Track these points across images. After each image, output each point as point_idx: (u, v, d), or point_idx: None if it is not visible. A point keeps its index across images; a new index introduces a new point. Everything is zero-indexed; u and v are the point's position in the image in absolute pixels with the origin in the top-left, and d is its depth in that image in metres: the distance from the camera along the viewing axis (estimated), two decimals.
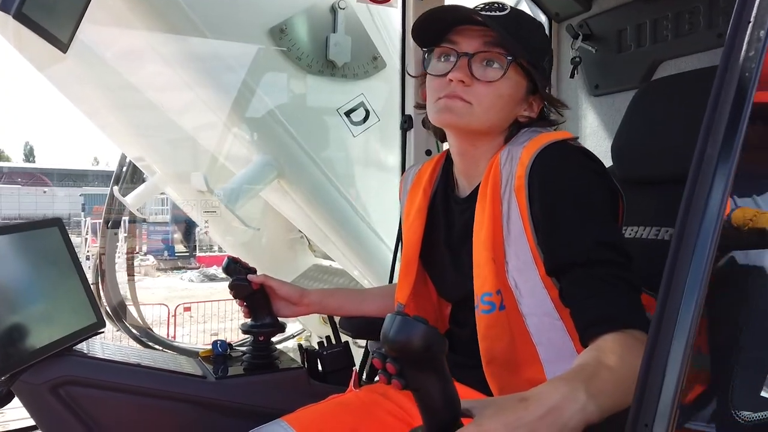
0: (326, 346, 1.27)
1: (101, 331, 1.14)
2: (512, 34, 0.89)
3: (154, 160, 3.08)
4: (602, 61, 1.69)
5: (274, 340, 1.25)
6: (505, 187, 0.90)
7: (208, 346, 1.28)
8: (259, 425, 0.98)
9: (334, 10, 2.32)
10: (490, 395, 0.91)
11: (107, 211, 3.44)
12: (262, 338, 1.20)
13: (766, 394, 0.52)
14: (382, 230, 2.38)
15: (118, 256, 3.73)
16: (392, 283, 1.63)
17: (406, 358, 0.55)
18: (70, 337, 1.06)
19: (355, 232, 2.37)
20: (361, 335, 1.28)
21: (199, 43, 2.21)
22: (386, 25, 2.42)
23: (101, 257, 3.33)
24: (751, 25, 0.44)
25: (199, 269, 12.29)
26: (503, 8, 0.92)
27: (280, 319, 1.22)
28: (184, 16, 2.13)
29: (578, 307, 0.80)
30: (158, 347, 3.13)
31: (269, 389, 1.15)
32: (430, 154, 1.73)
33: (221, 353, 1.23)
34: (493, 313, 0.89)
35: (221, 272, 1.24)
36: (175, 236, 14.21)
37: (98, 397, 1.03)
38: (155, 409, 1.05)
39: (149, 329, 3.34)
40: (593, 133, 1.72)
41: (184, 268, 13.10)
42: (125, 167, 3.45)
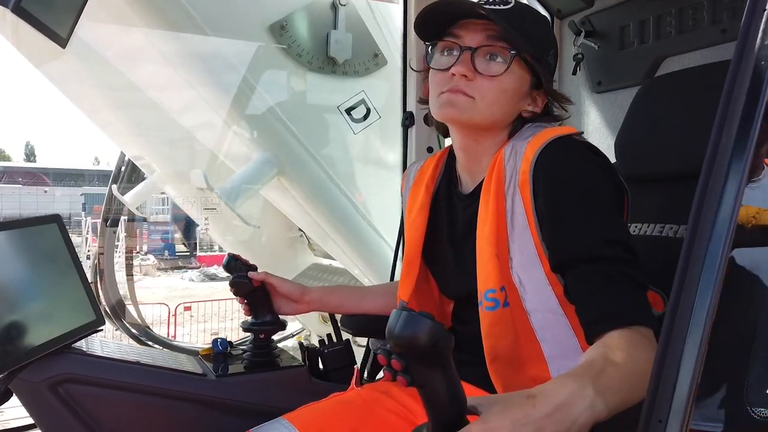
0: (327, 344, 1.26)
1: (100, 328, 1.13)
2: (516, 27, 0.88)
3: (153, 158, 3.07)
4: (605, 57, 1.68)
5: (273, 339, 1.24)
6: (509, 182, 0.89)
7: (208, 345, 1.26)
8: (259, 423, 0.97)
9: (334, 6, 2.31)
10: (493, 393, 0.90)
11: (106, 209, 3.43)
12: (262, 336, 1.19)
13: None
14: (382, 228, 2.37)
15: (117, 255, 3.72)
16: (393, 280, 1.62)
17: (411, 354, 0.54)
18: (69, 334, 1.05)
19: (355, 229, 2.36)
20: (362, 333, 1.27)
21: (198, 40, 2.20)
22: (387, 21, 2.41)
23: (100, 256, 3.32)
24: (766, 13, 0.43)
25: (199, 269, 12.27)
26: (507, 2, 0.91)
27: (280, 316, 1.21)
28: (183, 12, 2.12)
29: (583, 303, 0.79)
30: (158, 347, 3.12)
31: (270, 387, 1.14)
32: (431, 151, 1.72)
33: (221, 351, 1.22)
34: (497, 310, 0.88)
35: (222, 272, 1.23)
36: (175, 236, 14.20)
37: (97, 395, 1.02)
38: (155, 407, 1.04)
39: (148, 328, 3.33)
40: (596, 130, 1.71)
41: (184, 267, 13.08)
42: (124, 166, 3.44)
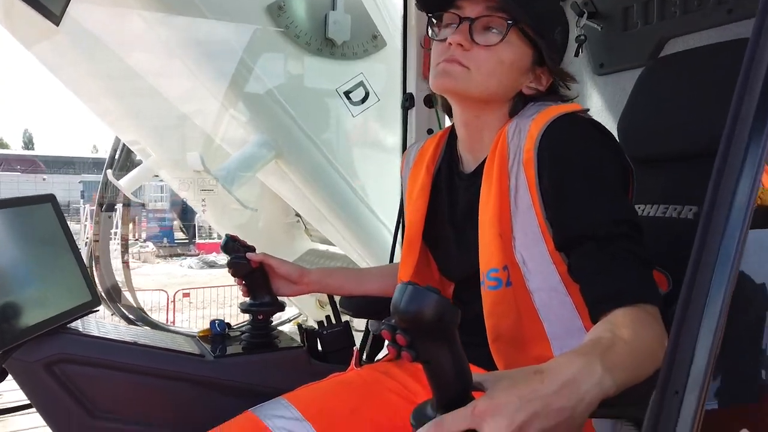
0: (326, 325, 1.25)
1: (96, 309, 1.12)
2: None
3: (148, 143, 3.04)
4: (608, 39, 1.65)
5: (272, 320, 1.23)
6: (512, 161, 0.87)
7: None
8: (258, 404, 0.96)
9: None
10: None
11: (101, 194, 3.40)
12: (261, 317, 1.18)
13: None
14: (381, 211, 2.36)
15: (116, 242, 3.70)
16: (393, 263, 1.61)
17: (417, 329, 0.52)
18: (64, 314, 1.04)
19: (354, 213, 2.34)
20: (361, 314, 1.25)
21: (196, 21, 2.16)
22: (386, 2, 2.37)
23: (95, 243, 3.30)
24: None
25: (198, 256, 12.25)
26: None
27: (279, 298, 1.20)
28: None
29: (588, 281, 0.77)
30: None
31: (268, 368, 1.13)
32: (431, 133, 1.70)
33: (219, 333, 1.21)
34: (499, 289, 0.87)
35: (221, 259, 1.22)
36: (174, 223, 14.18)
37: (93, 375, 1.01)
38: (152, 387, 1.03)
39: (144, 312, 3.32)
40: (598, 112, 1.69)
41: (183, 254, 13.07)
42: (119, 151, 3.42)
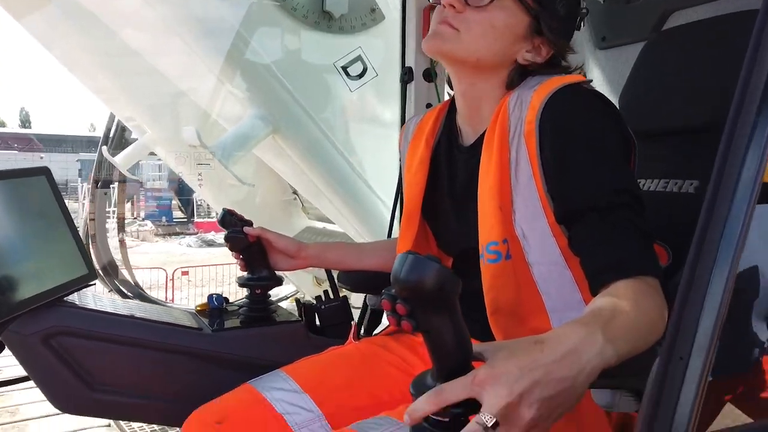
0: (324, 300, 1.25)
1: (92, 282, 1.11)
2: None
3: (144, 119, 3.01)
4: (610, 11, 1.62)
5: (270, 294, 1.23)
6: (513, 133, 0.86)
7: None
8: (256, 377, 0.96)
9: None
10: None
11: (96, 172, 3.38)
12: (258, 291, 1.18)
13: None
14: (378, 187, 2.34)
15: (110, 218, 3.67)
16: (391, 238, 1.61)
17: (417, 298, 0.52)
18: (60, 287, 1.03)
19: (351, 188, 2.33)
20: (359, 289, 1.25)
21: None
22: None
23: (90, 222, 3.28)
24: None
25: (196, 235, 12.25)
26: None
27: (277, 272, 1.19)
28: None
29: (589, 253, 0.77)
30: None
31: (266, 342, 1.13)
32: (430, 107, 1.68)
33: (217, 307, 1.21)
34: (499, 262, 0.86)
35: (219, 238, 1.21)
36: (173, 202, 14.16)
37: (91, 348, 1.01)
38: (150, 360, 1.03)
39: (141, 289, 3.32)
40: (600, 86, 1.67)
41: (182, 233, 13.07)
42: (114, 127, 3.38)
